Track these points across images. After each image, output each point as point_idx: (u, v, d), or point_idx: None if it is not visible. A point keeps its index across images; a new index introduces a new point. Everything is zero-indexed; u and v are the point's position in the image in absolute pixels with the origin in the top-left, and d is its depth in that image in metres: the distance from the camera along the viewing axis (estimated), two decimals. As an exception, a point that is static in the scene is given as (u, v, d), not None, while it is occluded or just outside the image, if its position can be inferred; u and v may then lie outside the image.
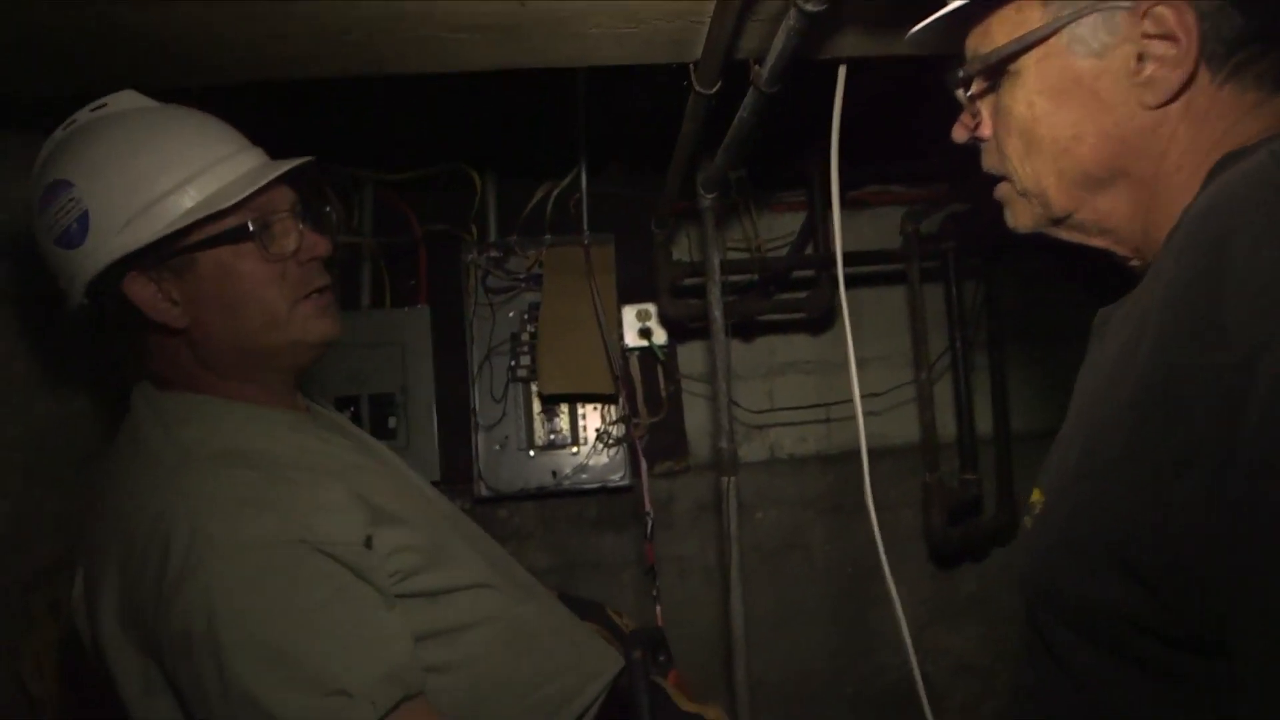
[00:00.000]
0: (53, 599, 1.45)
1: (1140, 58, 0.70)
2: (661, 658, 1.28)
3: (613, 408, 2.31)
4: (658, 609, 1.73)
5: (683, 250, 2.41)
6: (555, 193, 2.32)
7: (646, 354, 2.33)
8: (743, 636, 1.80)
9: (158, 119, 1.04)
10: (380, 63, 1.23)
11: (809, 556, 2.50)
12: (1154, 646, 0.64)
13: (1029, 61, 0.75)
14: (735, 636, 1.81)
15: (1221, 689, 0.60)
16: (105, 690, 1.00)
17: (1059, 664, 0.73)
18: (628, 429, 2.25)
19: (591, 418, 2.31)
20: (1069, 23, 0.72)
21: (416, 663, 0.95)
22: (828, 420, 2.49)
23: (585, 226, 2.26)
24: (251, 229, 1.02)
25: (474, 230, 2.31)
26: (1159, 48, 0.69)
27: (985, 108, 0.84)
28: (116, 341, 1.09)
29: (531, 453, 2.29)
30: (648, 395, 2.35)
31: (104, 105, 1.06)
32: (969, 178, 2.16)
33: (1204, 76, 0.70)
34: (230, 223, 1.01)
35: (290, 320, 1.06)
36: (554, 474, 2.28)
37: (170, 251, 1.00)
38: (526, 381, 2.29)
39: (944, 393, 2.42)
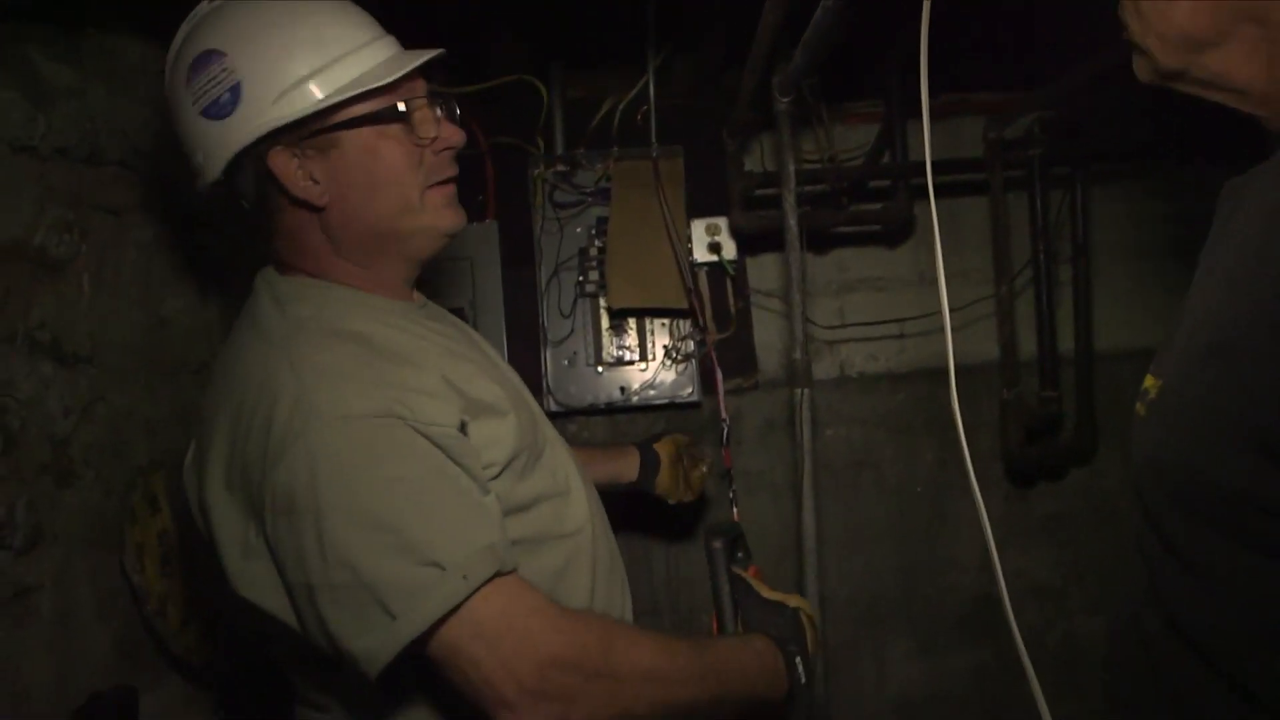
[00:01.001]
0: (151, 495, 1.51)
1: None
2: (740, 554, 1.28)
3: (681, 324, 2.29)
4: (734, 510, 1.75)
5: (754, 162, 2.34)
6: (622, 105, 2.27)
7: (715, 269, 2.29)
8: (814, 550, 1.79)
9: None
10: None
11: (879, 475, 2.48)
12: None
13: None
14: (806, 550, 1.80)
15: None
16: (204, 565, 1.04)
17: (1178, 558, 0.70)
18: (702, 342, 2.23)
19: (660, 334, 2.30)
20: None
21: (508, 542, 0.96)
22: (901, 336, 2.43)
23: (654, 139, 2.21)
24: (403, 110, 1.04)
25: (540, 144, 2.28)
26: None
27: None
28: (250, 221, 1.10)
29: (600, 369, 2.29)
30: (716, 311, 2.32)
31: None
32: (1057, 79, 2.03)
33: None
34: (379, 104, 1.02)
35: (423, 207, 1.08)
36: (623, 390, 2.29)
37: (316, 129, 1.01)
38: (595, 297, 2.28)
39: (1024, 309, 2.34)
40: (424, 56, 1.05)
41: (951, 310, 2.42)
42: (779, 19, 1.36)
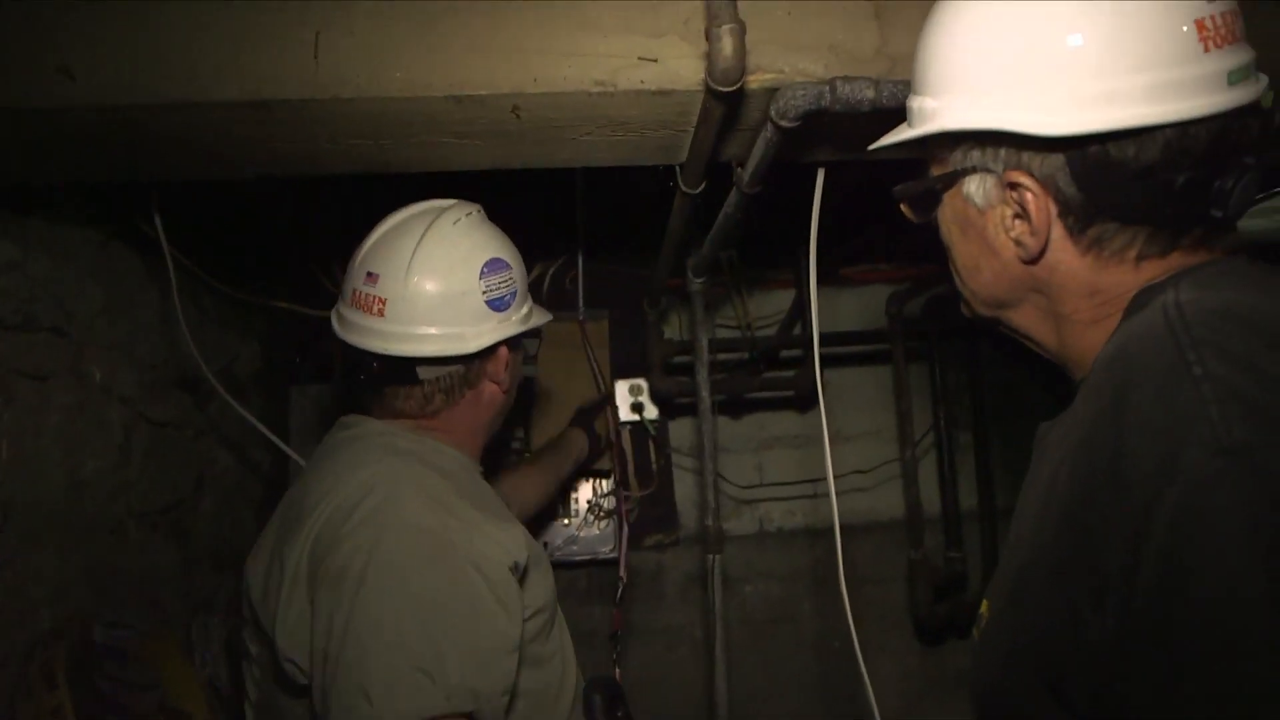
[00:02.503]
0: (49, 671, 1.48)
1: (1014, 217, 0.78)
2: (620, 713, 1.33)
3: (604, 481, 2.35)
4: (616, 670, 1.78)
5: (674, 328, 2.48)
6: (552, 270, 2.40)
7: (638, 428, 2.38)
8: (726, 713, 1.81)
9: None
10: (387, 164, 1.31)
11: (797, 629, 2.52)
12: None
13: (947, 196, 0.84)
14: (719, 713, 1.82)
15: None
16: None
17: None
18: (618, 501, 2.29)
19: (583, 489, 2.35)
20: (960, 177, 0.80)
21: (498, 700, 1.06)
22: (815, 495, 2.53)
23: (581, 303, 2.34)
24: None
25: (473, 305, 2.38)
26: (1021, 214, 0.76)
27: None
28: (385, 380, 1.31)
29: (523, 523, 2.32)
30: (639, 468, 2.39)
31: (472, 209, 1.36)
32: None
33: (1066, 243, 0.76)
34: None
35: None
36: (545, 545, 2.32)
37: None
38: (520, 454, 2.34)
39: (930, 469, 2.47)
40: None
41: (861, 471, 2.54)
42: (684, 223, 1.51)
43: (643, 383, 2.35)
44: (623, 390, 2.36)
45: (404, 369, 1.25)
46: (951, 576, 2.39)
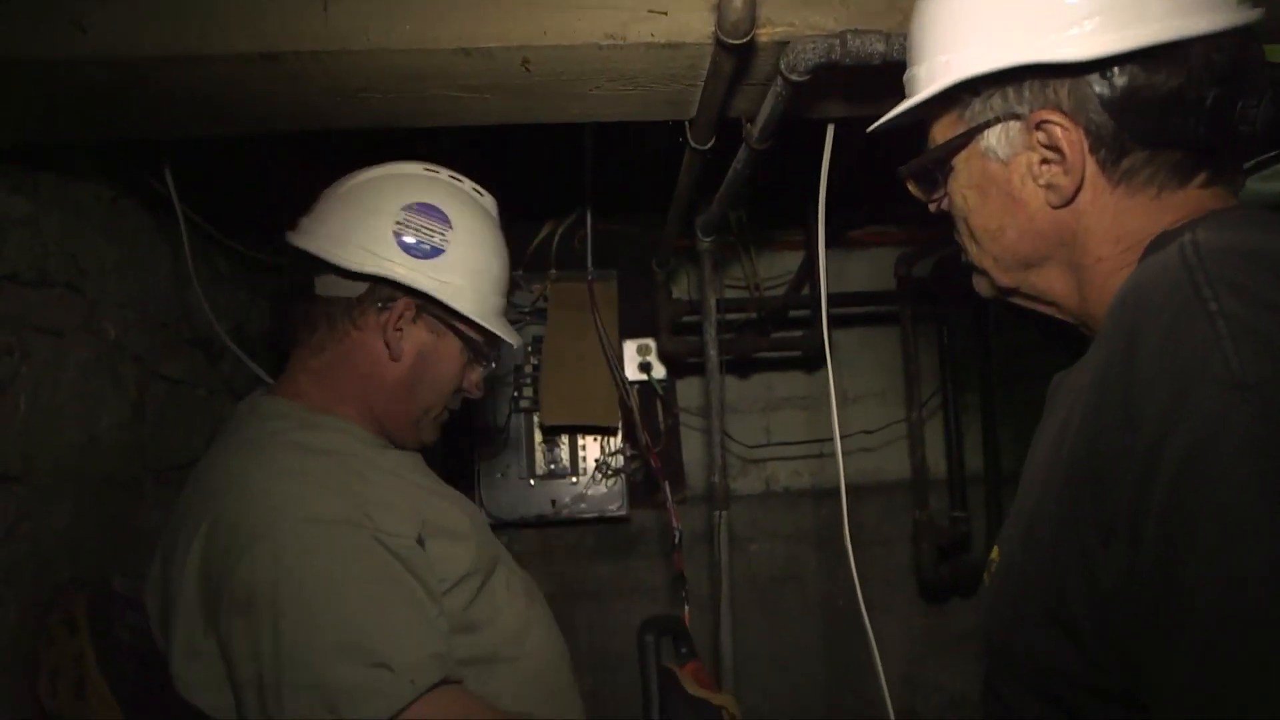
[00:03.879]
0: (70, 617, 1.51)
1: (1041, 163, 0.77)
2: (683, 649, 1.34)
3: (612, 439, 2.38)
4: (685, 609, 1.81)
5: (683, 288, 2.48)
6: (560, 230, 2.40)
7: (646, 388, 2.40)
8: (732, 669, 1.85)
9: (498, 235, 1.31)
10: (396, 118, 1.31)
11: (803, 589, 2.55)
12: (1089, 700, 0.69)
13: (959, 161, 0.83)
14: (724, 668, 1.86)
15: None
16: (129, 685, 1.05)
17: (1010, 716, 0.79)
18: (645, 457, 2.31)
19: (591, 448, 2.38)
20: (979, 131, 0.79)
21: (452, 656, 1.03)
22: (821, 455, 2.55)
23: (590, 263, 2.34)
24: (486, 357, 1.30)
25: (481, 265, 2.39)
26: (1051, 156, 0.76)
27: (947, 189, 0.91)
28: (293, 318, 1.26)
29: (532, 482, 2.35)
30: (647, 428, 2.41)
31: (462, 181, 1.30)
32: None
33: (1100, 179, 0.76)
34: (480, 338, 1.27)
35: (424, 421, 1.27)
36: (553, 503, 2.35)
37: (441, 316, 1.22)
38: (528, 412, 2.36)
39: (936, 431, 2.48)
40: (516, 337, 1.34)
41: (868, 431, 2.55)
42: (693, 180, 1.50)
43: (651, 343, 2.36)
44: (631, 350, 2.37)
45: (305, 279, 1.22)
46: (956, 537, 2.42)
